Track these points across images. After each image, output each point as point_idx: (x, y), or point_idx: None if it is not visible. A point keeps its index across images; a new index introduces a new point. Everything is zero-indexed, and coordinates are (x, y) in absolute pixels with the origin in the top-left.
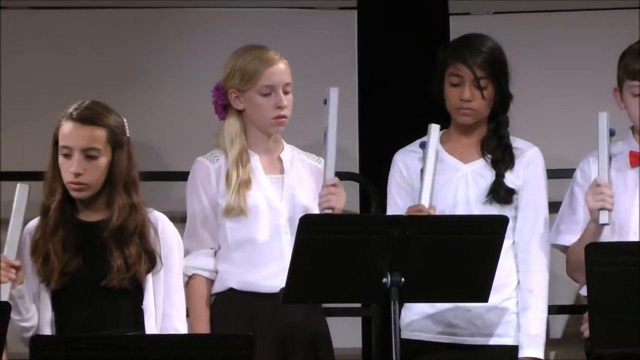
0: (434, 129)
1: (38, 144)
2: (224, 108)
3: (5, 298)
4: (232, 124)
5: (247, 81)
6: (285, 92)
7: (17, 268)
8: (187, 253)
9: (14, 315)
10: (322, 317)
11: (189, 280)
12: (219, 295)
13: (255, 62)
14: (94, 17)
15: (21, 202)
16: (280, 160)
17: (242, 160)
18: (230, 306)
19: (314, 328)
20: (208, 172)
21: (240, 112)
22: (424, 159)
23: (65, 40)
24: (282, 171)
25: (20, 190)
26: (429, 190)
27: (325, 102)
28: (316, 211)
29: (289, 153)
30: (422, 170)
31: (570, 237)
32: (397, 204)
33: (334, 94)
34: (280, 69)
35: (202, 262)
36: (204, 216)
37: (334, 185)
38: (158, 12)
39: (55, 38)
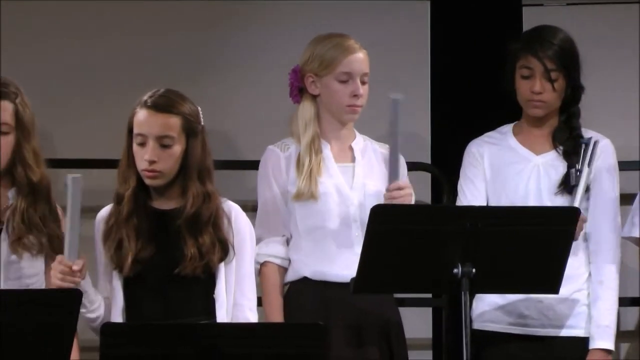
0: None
1: (109, 132)
2: (299, 91)
3: None
4: (306, 108)
5: (325, 66)
6: (363, 82)
7: (79, 270)
8: (258, 241)
9: None
10: (394, 306)
11: (261, 268)
12: (293, 284)
13: (336, 49)
14: (175, 7)
15: (76, 196)
16: (351, 149)
17: (314, 146)
18: (304, 295)
19: (387, 317)
20: (278, 160)
21: (314, 98)
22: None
23: (142, 29)
24: (352, 160)
25: (73, 182)
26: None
27: (393, 107)
28: None
29: (360, 142)
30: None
31: None
32: (469, 191)
33: (396, 102)
34: (360, 58)
35: (274, 250)
36: (275, 204)
37: (398, 188)
38: (236, 4)
39: (126, 25)
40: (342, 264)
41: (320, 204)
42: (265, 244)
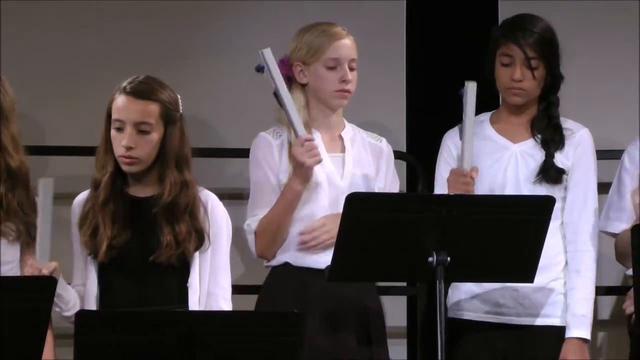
0: (472, 87)
1: (90, 118)
2: (288, 81)
3: None
4: (296, 98)
5: (313, 53)
6: (351, 68)
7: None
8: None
9: (53, 308)
10: (375, 294)
11: (255, 236)
12: (275, 268)
13: (323, 35)
14: None
15: (47, 199)
16: (341, 138)
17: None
18: (285, 280)
19: (366, 304)
20: (270, 147)
21: (303, 87)
22: (462, 119)
23: (119, 14)
24: (342, 149)
25: (44, 186)
26: (470, 152)
27: (258, 69)
28: (376, 190)
29: (350, 131)
30: (460, 132)
31: (619, 224)
32: (445, 183)
33: (472, 89)
34: (347, 44)
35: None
36: (267, 183)
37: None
38: None
39: (110, 11)
40: (327, 252)
41: (310, 192)
42: (254, 219)
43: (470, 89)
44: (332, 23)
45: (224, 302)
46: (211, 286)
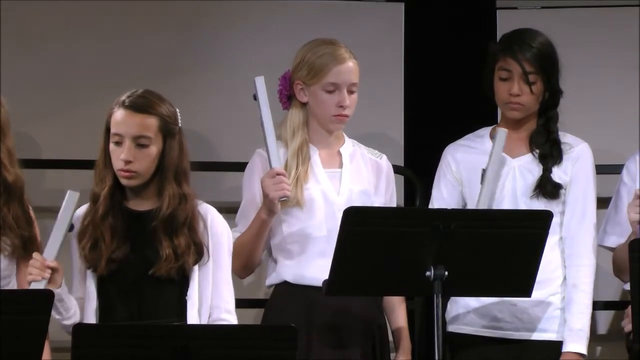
0: (502, 134)
1: (86, 132)
2: (288, 98)
3: None
4: (295, 115)
5: (313, 75)
6: (350, 92)
7: (53, 270)
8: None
9: (54, 315)
10: (379, 309)
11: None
12: (277, 287)
13: (325, 57)
14: (148, 6)
15: (69, 208)
16: (339, 154)
17: (302, 153)
18: (288, 298)
19: (371, 320)
20: (265, 164)
21: (304, 105)
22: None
23: (116, 28)
24: (340, 165)
25: (70, 197)
26: (487, 196)
27: (254, 97)
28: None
29: (349, 147)
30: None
31: (616, 238)
32: (442, 197)
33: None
34: (349, 68)
35: None
36: (252, 205)
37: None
38: (209, 3)
39: (107, 25)
40: (325, 269)
41: (305, 210)
42: (235, 231)
43: (500, 135)
44: (337, 43)
45: (228, 314)
46: (214, 299)
